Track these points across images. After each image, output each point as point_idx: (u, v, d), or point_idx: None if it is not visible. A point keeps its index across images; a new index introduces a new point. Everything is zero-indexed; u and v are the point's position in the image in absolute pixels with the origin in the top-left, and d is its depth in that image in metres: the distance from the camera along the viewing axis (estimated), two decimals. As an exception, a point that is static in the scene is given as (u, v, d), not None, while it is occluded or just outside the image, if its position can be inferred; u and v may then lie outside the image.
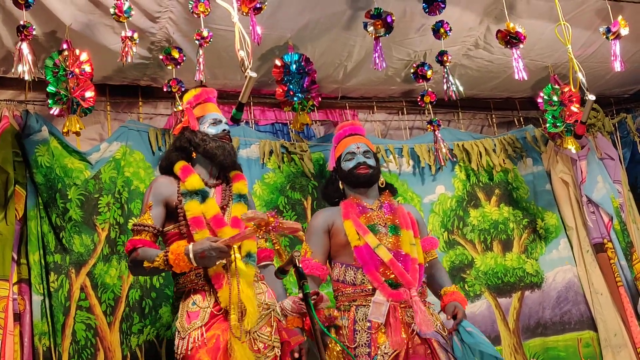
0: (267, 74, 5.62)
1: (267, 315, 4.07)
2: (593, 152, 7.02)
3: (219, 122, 4.43)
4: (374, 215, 4.78)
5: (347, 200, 4.88)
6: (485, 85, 6.79)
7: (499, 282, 6.44)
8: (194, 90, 4.59)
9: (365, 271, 4.55)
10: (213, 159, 4.33)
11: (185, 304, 4.05)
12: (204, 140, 4.33)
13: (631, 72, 6.55)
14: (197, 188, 4.19)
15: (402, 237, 4.72)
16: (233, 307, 3.88)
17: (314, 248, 4.69)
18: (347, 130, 5.15)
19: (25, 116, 5.11)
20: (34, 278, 4.87)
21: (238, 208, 4.28)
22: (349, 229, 4.68)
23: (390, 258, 4.56)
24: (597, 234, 6.79)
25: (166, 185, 4.26)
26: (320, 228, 4.77)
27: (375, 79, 6.28)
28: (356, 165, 4.90)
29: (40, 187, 4.99)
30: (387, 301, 4.44)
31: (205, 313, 3.96)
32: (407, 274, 4.54)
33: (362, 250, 4.60)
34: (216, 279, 4.00)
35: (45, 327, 4.82)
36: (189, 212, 4.11)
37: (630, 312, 6.55)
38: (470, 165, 6.66)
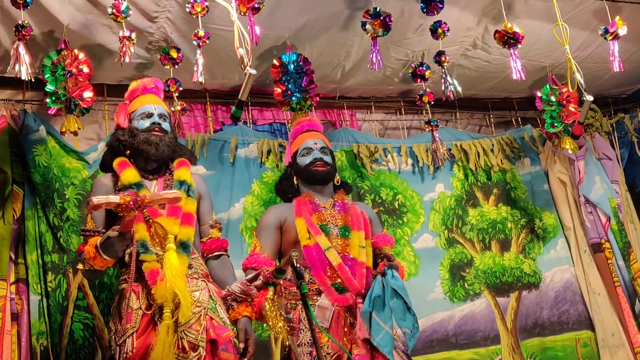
0: (265, 73, 5.62)
1: (199, 313, 3.93)
2: (591, 152, 7.03)
3: (150, 115, 4.27)
4: (326, 214, 4.67)
5: (300, 198, 4.75)
6: (483, 85, 6.80)
7: (497, 282, 6.45)
8: (133, 83, 4.48)
9: (312, 273, 4.46)
10: (142, 154, 4.21)
11: (119, 302, 3.95)
12: (133, 136, 4.20)
13: (629, 73, 6.55)
14: (132, 181, 4.08)
15: (352, 239, 4.62)
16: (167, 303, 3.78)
17: (263, 243, 4.58)
18: (305, 125, 5.01)
19: (23, 116, 5.12)
20: (32, 278, 4.87)
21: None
22: (300, 227, 4.58)
23: (339, 262, 4.46)
24: (595, 234, 6.80)
25: (104, 184, 4.18)
26: (271, 224, 4.66)
27: (373, 78, 6.29)
28: (312, 161, 4.76)
29: (38, 187, 5.00)
30: (332, 306, 4.38)
31: (138, 315, 3.85)
32: (354, 280, 4.45)
33: (312, 250, 4.51)
34: (150, 275, 3.87)
35: (43, 327, 4.83)
36: None
37: (627, 312, 6.56)
38: (468, 165, 6.66)
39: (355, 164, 6.30)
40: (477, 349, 6.18)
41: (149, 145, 4.18)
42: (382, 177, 6.36)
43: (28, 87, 5.25)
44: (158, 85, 4.52)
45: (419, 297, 6.03)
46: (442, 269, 6.33)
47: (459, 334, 6.22)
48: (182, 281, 3.86)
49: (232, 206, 5.74)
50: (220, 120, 6.15)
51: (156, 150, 4.20)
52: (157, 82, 4.54)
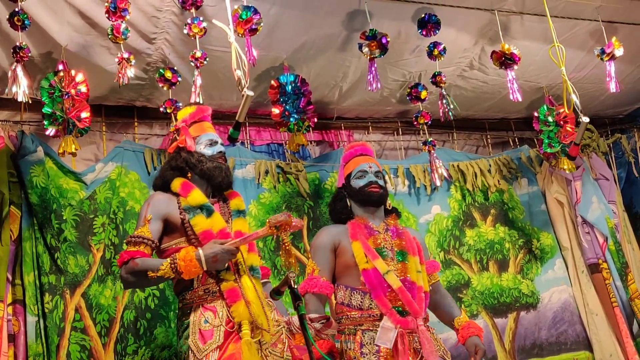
0: (262, 94, 5.64)
1: (279, 331, 4.03)
2: (588, 172, 7.04)
3: (214, 143, 4.37)
4: (380, 238, 4.68)
5: (354, 221, 4.76)
6: (480, 105, 6.81)
7: (495, 302, 6.44)
8: (189, 107, 4.53)
9: (373, 296, 4.46)
10: (210, 179, 4.28)
11: (195, 321, 3.95)
12: (201, 161, 4.27)
13: (625, 93, 6.57)
14: (201, 203, 4.13)
15: (410, 264, 4.64)
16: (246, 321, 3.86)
17: (321, 266, 4.59)
18: (359, 149, 5.05)
19: (20, 137, 5.12)
20: (29, 299, 4.85)
21: (240, 223, 4.25)
22: (357, 250, 4.57)
23: (400, 286, 4.47)
24: (592, 255, 6.80)
25: (165, 201, 4.18)
26: (327, 246, 4.66)
27: (371, 99, 6.30)
28: (368, 183, 4.79)
29: (35, 208, 4.99)
30: (396, 328, 4.40)
31: (220, 332, 3.89)
32: (414, 303, 4.47)
33: (371, 274, 4.50)
34: (231, 293, 3.94)
35: (40, 348, 4.80)
36: (197, 226, 4.04)
37: (625, 332, 6.55)
38: (465, 186, 6.67)
39: (353, 184, 6.30)
40: (475, 370, 6.17)
41: (220, 172, 4.29)
42: (378, 198, 6.36)
43: (26, 108, 5.25)
44: (210, 113, 4.59)
45: (416, 319, 6.03)
46: (438, 292, 6.32)
47: (456, 356, 6.18)
48: (260, 303, 3.98)
49: (229, 227, 5.73)
50: (218, 141, 6.16)
51: (226, 177, 4.33)
52: (210, 109, 4.60)
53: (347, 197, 4.86)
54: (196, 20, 4.60)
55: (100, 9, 4.55)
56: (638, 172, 7.40)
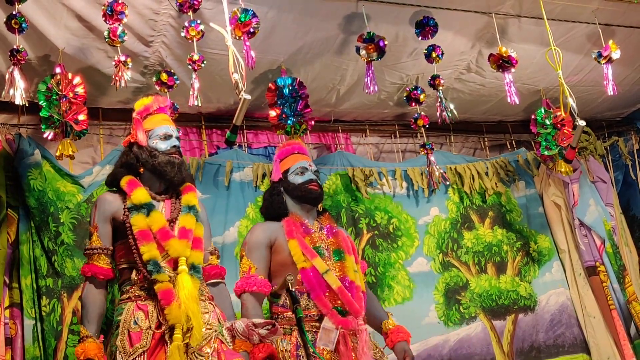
0: (260, 97, 5.63)
1: (209, 335, 3.92)
2: (585, 175, 7.04)
3: (169, 137, 4.27)
4: (316, 236, 4.66)
5: (288, 218, 4.71)
6: (477, 108, 6.82)
7: (493, 305, 6.44)
8: (145, 98, 4.45)
9: (313, 297, 4.43)
10: (162, 175, 4.20)
11: (126, 321, 3.90)
12: (153, 156, 4.19)
13: (623, 96, 6.57)
14: (143, 202, 4.06)
15: (347, 262, 4.63)
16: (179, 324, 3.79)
17: (258, 264, 4.52)
18: (296, 147, 5.02)
19: (18, 140, 5.12)
20: (26, 302, 4.85)
21: (186, 219, 4.15)
22: (294, 249, 4.53)
23: (339, 285, 4.46)
24: (590, 257, 6.80)
25: (110, 202, 4.15)
26: (262, 243, 4.60)
27: (368, 102, 6.30)
28: (308, 180, 4.78)
29: (33, 211, 4.99)
30: (337, 328, 4.38)
31: (148, 335, 3.83)
32: (354, 302, 4.46)
33: (309, 273, 4.47)
34: (164, 295, 3.86)
35: (37, 352, 4.80)
36: (135, 226, 3.98)
37: (622, 335, 6.56)
38: (463, 188, 6.67)
39: (350, 187, 6.30)
40: (474, 372, 6.17)
41: (172, 167, 4.20)
42: (376, 201, 6.36)
43: (23, 111, 5.24)
44: (169, 105, 4.53)
45: (413, 321, 6.01)
46: (437, 293, 6.32)
47: (454, 358, 6.19)
48: (196, 304, 3.88)
49: (226, 230, 5.73)
50: (216, 143, 6.15)
51: (179, 173, 4.22)
52: (168, 100, 4.55)
53: (282, 192, 4.81)
54: (193, 23, 4.59)
55: (97, 12, 4.54)
56: (635, 174, 7.40)
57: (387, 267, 6.21)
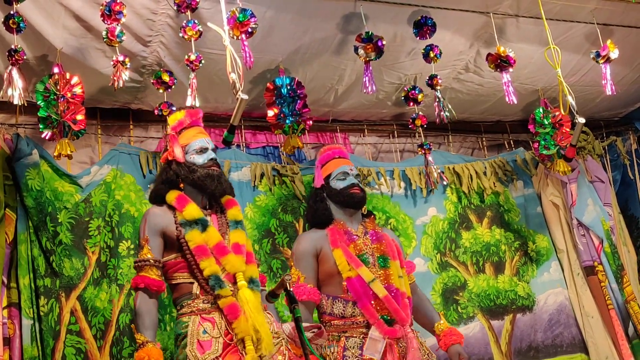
0: (258, 97, 5.63)
1: (278, 343, 4.02)
2: (583, 175, 7.04)
3: (205, 150, 4.36)
4: (360, 243, 4.69)
5: (332, 226, 4.76)
6: (475, 108, 6.81)
7: (491, 305, 6.44)
8: (178, 113, 4.54)
9: (360, 306, 4.48)
10: (202, 189, 4.28)
11: (194, 332, 3.96)
12: (192, 171, 4.27)
13: (621, 96, 6.57)
14: (197, 217, 4.14)
15: (392, 269, 4.66)
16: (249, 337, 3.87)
17: (306, 273, 4.58)
18: (337, 152, 5.10)
19: (16, 139, 5.11)
20: (24, 302, 4.84)
21: (237, 234, 4.25)
22: (339, 258, 4.58)
23: (386, 295, 4.49)
24: (588, 257, 6.80)
25: (161, 215, 4.21)
26: (309, 252, 4.66)
27: (366, 102, 6.30)
28: (350, 185, 4.83)
29: (31, 211, 4.98)
30: (384, 338, 4.40)
31: (218, 343, 3.90)
32: (401, 311, 4.50)
33: (355, 283, 4.52)
34: (231, 309, 3.95)
35: (35, 352, 4.80)
36: (192, 242, 4.06)
37: (621, 335, 6.56)
38: (461, 188, 6.67)
39: (348, 187, 6.29)
40: (472, 372, 6.17)
41: (212, 180, 4.27)
42: (374, 201, 6.35)
43: (21, 110, 5.24)
44: (201, 116, 4.59)
45: (412, 321, 6.03)
46: (434, 294, 6.31)
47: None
48: (262, 316, 3.99)
49: (225, 230, 5.72)
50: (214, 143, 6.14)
51: (219, 185, 4.29)
52: (201, 112, 4.61)
53: (326, 198, 4.85)
54: (191, 23, 4.59)
55: (95, 12, 4.55)
56: (633, 174, 7.41)
57: (385, 267, 6.20)
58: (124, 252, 5.27)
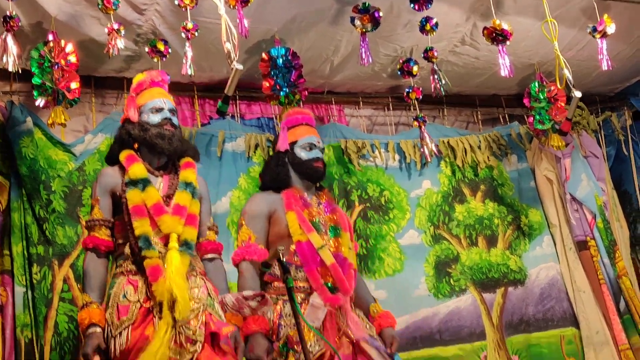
0: (253, 67, 5.61)
1: (197, 309, 3.93)
2: (577, 150, 7.05)
3: (160, 110, 4.26)
4: (314, 211, 4.64)
5: (289, 190, 4.65)
6: (471, 82, 6.80)
7: (483, 278, 6.47)
8: (139, 75, 4.45)
9: (305, 270, 4.41)
10: (153, 147, 4.19)
11: (116, 294, 3.91)
12: (144, 130, 4.19)
13: (617, 71, 6.55)
14: (140, 177, 4.06)
15: (342, 239, 4.63)
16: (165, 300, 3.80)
17: (258, 234, 4.48)
18: (306, 118, 4.95)
19: (10, 107, 5.10)
20: (17, 269, 4.86)
21: (181, 196, 4.14)
22: (292, 221, 4.49)
23: (333, 262, 4.44)
24: (580, 232, 6.82)
25: (111, 175, 4.15)
26: (263, 213, 4.56)
27: (362, 74, 6.28)
28: (315, 158, 4.73)
29: (25, 179, 4.98)
30: (325, 306, 4.36)
31: (135, 308, 3.84)
32: (346, 281, 4.44)
33: (304, 247, 4.44)
34: (152, 271, 3.87)
35: (28, 319, 4.82)
36: (130, 201, 3.99)
37: (612, 310, 6.59)
38: (455, 162, 6.67)
39: (343, 159, 6.29)
40: (463, 344, 6.19)
41: (162, 139, 4.18)
42: (369, 173, 6.36)
43: (16, 78, 5.22)
44: (164, 78, 4.50)
45: (404, 293, 6.08)
46: (427, 266, 6.34)
47: (443, 330, 6.23)
48: (182, 280, 3.88)
49: (218, 200, 5.73)
50: (208, 114, 6.13)
51: (169, 145, 4.21)
52: (164, 74, 4.52)
53: (288, 164, 4.75)
54: (187, -10, 4.57)
55: (90, -21, 4.53)
56: (627, 150, 7.42)
57: (378, 240, 6.23)
58: (117, 221, 5.27)
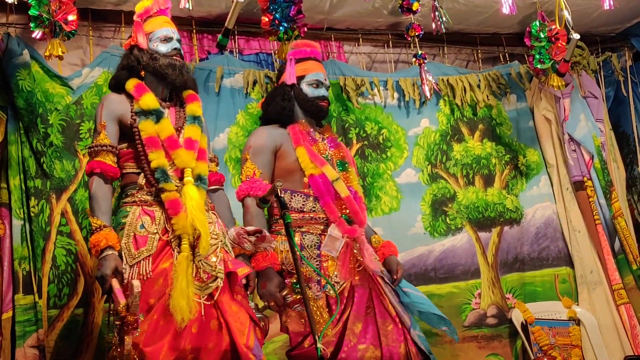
0: (252, 2, 5.55)
1: (215, 245, 3.98)
2: (577, 90, 7.02)
3: (169, 39, 4.25)
4: (320, 146, 4.67)
5: (295, 125, 4.66)
6: (472, 19, 6.73)
7: (479, 217, 6.50)
8: (145, 1, 4.38)
9: (322, 203, 4.45)
10: (163, 78, 4.19)
11: (132, 223, 3.92)
12: (154, 58, 4.18)
13: (618, 11, 6.49)
14: (152, 107, 4.06)
15: (351, 174, 4.68)
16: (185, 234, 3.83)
17: (262, 169, 4.49)
18: (314, 52, 4.93)
19: (6, 39, 5.05)
20: (14, 202, 4.86)
21: (192, 130, 4.17)
22: (303, 156, 4.51)
23: (348, 194, 4.49)
24: (578, 172, 6.83)
25: (118, 102, 4.13)
26: (268, 148, 4.56)
27: (362, 10, 6.22)
28: (321, 96, 4.73)
29: (22, 112, 4.96)
30: (343, 237, 4.41)
31: (154, 240, 3.87)
32: (360, 212, 4.52)
33: (318, 180, 4.47)
34: (171, 204, 3.89)
35: (25, 252, 4.84)
36: (144, 132, 3.99)
37: (607, 250, 6.63)
38: (454, 100, 6.64)
39: (341, 97, 6.26)
40: (457, 282, 6.25)
41: (173, 69, 4.18)
42: (367, 111, 6.34)
43: (12, 9, 5.16)
44: (169, 6, 4.45)
45: (400, 231, 6.11)
46: (424, 204, 6.36)
47: (438, 268, 6.28)
48: (203, 215, 3.92)
49: (216, 136, 5.71)
50: (206, 49, 6.09)
51: (180, 76, 4.20)
52: (169, 2, 4.46)
53: (294, 98, 4.74)
54: None
55: None
56: (627, 91, 7.39)
57: (376, 178, 6.24)
58: (115, 155, 5.27)
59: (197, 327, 3.73)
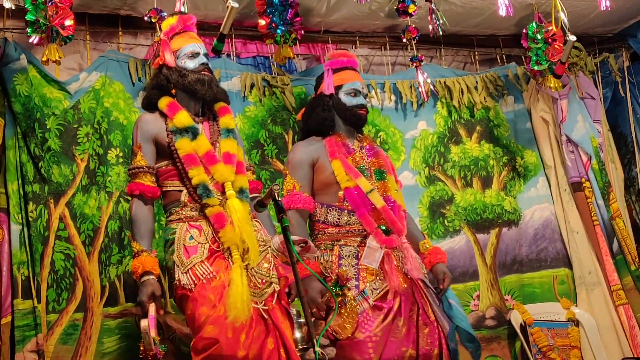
0: (249, 5, 5.56)
1: (264, 252, 4.06)
2: (574, 91, 7.02)
3: (196, 55, 4.29)
4: (357, 156, 4.70)
5: (331, 138, 4.73)
6: (468, 21, 6.73)
7: (477, 218, 6.50)
8: (170, 18, 4.44)
9: (358, 215, 4.50)
10: (194, 93, 4.23)
11: (181, 237, 3.98)
12: (183, 76, 4.22)
13: (615, 12, 6.50)
14: (187, 125, 4.11)
15: (388, 183, 4.70)
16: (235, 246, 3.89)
17: (302, 182, 4.58)
18: (350, 62, 4.97)
19: (3, 44, 5.05)
20: (13, 207, 4.86)
21: (228, 143, 4.22)
22: (338, 169, 4.57)
23: (383, 205, 4.53)
24: (575, 173, 6.83)
25: (153, 122, 4.18)
26: (306, 162, 4.63)
27: (359, 13, 6.22)
28: (360, 105, 4.78)
29: (19, 117, 4.96)
30: (381, 248, 4.46)
31: (204, 248, 3.93)
32: (398, 222, 4.55)
33: (353, 192, 4.54)
34: (217, 219, 3.96)
35: (24, 257, 4.84)
36: (181, 150, 4.04)
37: (605, 250, 6.63)
38: (451, 102, 6.65)
39: (339, 99, 6.26)
40: (455, 284, 6.23)
41: (202, 85, 4.22)
42: (365, 114, 6.34)
43: (9, 14, 5.17)
44: (194, 22, 4.49)
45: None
46: (421, 207, 6.37)
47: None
48: (249, 226, 3.99)
49: (214, 140, 5.71)
50: (203, 52, 6.09)
51: (209, 90, 4.24)
52: (193, 18, 4.51)
53: (333, 109, 4.80)
54: None
55: None
56: (624, 91, 7.39)
57: (373, 180, 6.24)
58: (112, 159, 5.28)
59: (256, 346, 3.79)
